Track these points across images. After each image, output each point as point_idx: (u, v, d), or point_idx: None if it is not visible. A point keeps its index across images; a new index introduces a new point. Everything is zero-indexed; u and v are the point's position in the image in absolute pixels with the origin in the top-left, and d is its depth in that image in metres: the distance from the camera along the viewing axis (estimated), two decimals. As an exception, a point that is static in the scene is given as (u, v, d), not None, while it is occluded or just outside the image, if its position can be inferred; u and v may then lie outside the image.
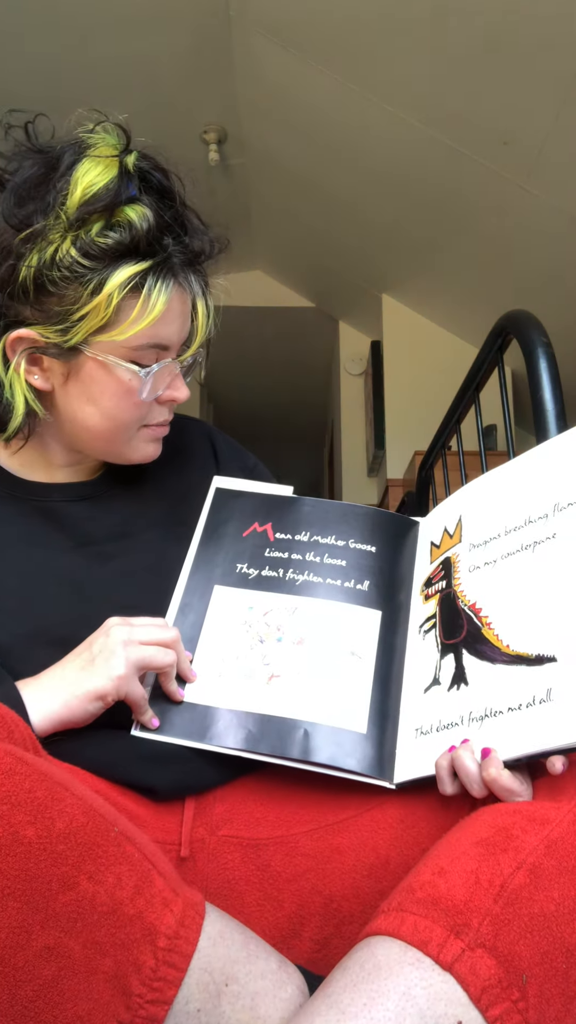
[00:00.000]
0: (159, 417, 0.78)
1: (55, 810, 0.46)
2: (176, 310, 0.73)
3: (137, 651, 0.65)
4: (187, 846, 0.65)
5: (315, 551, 0.78)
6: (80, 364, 0.72)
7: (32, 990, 0.43)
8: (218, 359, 1.37)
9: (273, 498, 0.83)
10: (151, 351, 0.73)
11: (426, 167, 3.05)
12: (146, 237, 0.69)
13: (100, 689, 0.63)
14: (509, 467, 0.75)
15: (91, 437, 0.77)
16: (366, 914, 0.62)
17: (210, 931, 0.50)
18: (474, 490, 0.78)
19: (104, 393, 0.73)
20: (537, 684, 0.59)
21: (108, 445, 0.78)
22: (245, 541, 0.79)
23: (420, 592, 0.76)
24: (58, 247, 0.67)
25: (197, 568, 0.78)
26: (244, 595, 0.76)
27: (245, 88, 3.15)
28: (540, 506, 0.68)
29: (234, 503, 0.83)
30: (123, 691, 0.64)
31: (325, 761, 0.65)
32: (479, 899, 0.48)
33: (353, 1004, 0.45)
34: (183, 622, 0.74)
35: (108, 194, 0.68)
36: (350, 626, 0.73)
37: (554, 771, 0.55)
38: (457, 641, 0.68)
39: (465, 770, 0.58)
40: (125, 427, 0.76)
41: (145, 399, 0.74)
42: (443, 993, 0.45)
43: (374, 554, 0.78)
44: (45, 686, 0.64)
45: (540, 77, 2.45)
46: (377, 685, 0.70)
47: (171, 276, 0.71)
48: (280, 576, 0.76)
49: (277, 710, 0.68)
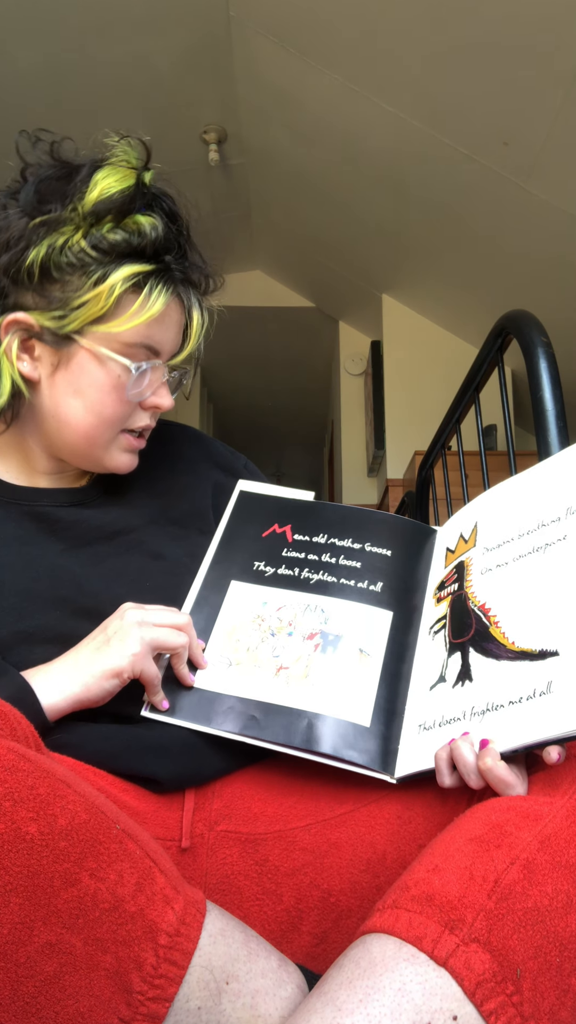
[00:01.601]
0: (140, 422, 0.79)
1: (57, 807, 0.47)
2: (173, 318, 0.77)
3: (151, 631, 0.67)
4: (187, 838, 0.66)
5: (331, 552, 0.80)
6: (72, 353, 0.74)
7: (34, 986, 0.43)
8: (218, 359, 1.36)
9: (294, 502, 0.86)
10: (143, 351, 0.75)
11: (426, 167, 3.06)
12: (152, 244, 0.73)
13: (117, 667, 0.65)
14: (526, 475, 0.77)
15: (71, 434, 0.77)
16: (364, 908, 0.63)
17: (211, 929, 0.51)
18: (492, 497, 0.79)
19: (92, 385, 0.74)
20: (538, 677, 0.59)
21: (87, 445, 0.78)
22: (264, 541, 0.82)
23: (433, 595, 0.77)
24: (69, 237, 0.71)
25: (215, 565, 0.80)
26: (259, 591, 0.78)
27: (245, 88, 3.15)
28: (553, 511, 0.70)
29: (256, 505, 0.86)
30: (138, 668, 0.66)
31: (328, 751, 0.66)
32: (473, 895, 0.49)
33: (349, 1001, 0.46)
34: (198, 614, 0.76)
35: (123, 199, 0.72)
36: (361, 624, 0.75)
37: (550, 760, 0.56)
38: (465, 640, 0.69)
39: (463, 761, 0.59)
40: (107, 425, 0.76)
41: (131, 398, 0.76)
42: (438, 988, 0.46)
43: (389, 558, 0.80)
44: (61, 669, 0.66)
45: (540, 77, 2.45)
46: (384, 681, 0.71)
47: (172, 284, 0.75)
48: (295, 575, 0.79)
49: (283, 699, 0.69)
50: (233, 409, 6.09)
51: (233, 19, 2.80)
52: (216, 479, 0.91)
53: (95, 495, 0.83)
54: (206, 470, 0.91)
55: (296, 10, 2.62)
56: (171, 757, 0.68)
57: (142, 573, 0.77)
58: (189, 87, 3.09)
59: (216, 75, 3.07)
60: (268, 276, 4.69)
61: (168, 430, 0.94)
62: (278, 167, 3.58)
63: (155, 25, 2.72)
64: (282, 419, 6.39)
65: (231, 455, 0.96)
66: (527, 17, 2.30)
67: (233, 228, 4.14)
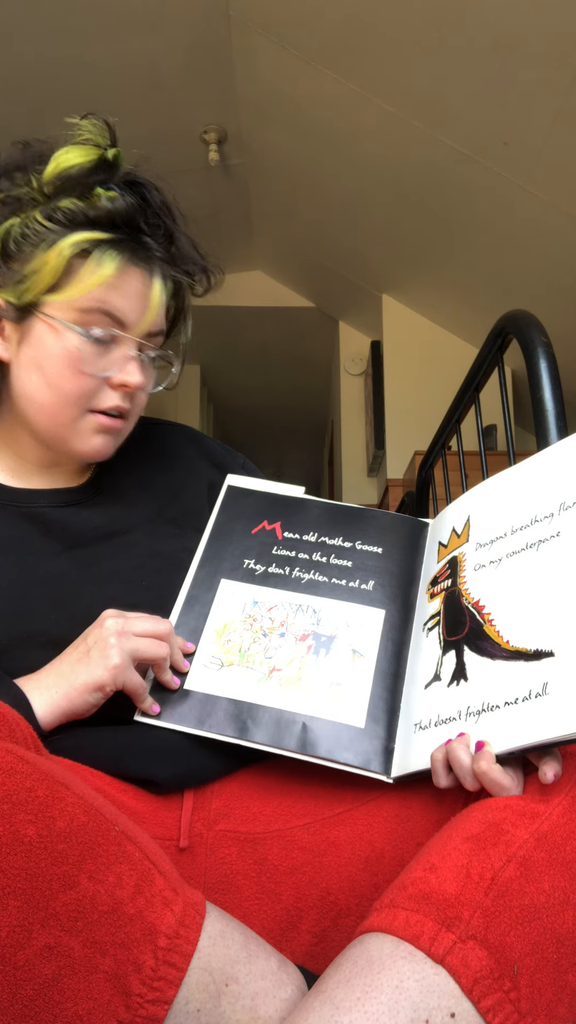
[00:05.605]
0: (109, 402, 0.76)
1: (56, 809, 0.47)
2: (133, 286, 0.74)
3: (131, 642, 0.66)
4: (186, 838, 0.65)
5: (322, 551, 0.80)
6: (31, 326, 0.74)
7: (32, 989, 0.43)
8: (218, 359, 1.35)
9: (283, 498, 0.85)
10: (100, 317, 0.73)
11: (426, 167, 3.05)
12: (109, 215, 0.72)
13: (97, 680, 0.64)
14: (519, 468, 0.76)
15: (37, 412, 0.76)
16: (362, 907, 0.63)
17: (210, 931, 0.50)
18: (484, 491, 0.78)
19: (50, 358, 0.73)
20: (534, 679, 0.59)
21: (52, 424, 0.76)
22: (253, 538, 0.81)
23: (426, 591, 0.77)
24: (28, 214, 0.72)
25: (205, 562, 0.79)
26: (250, 590, 0.77)
27: (245, 88, 3.15)
28: (546, 506, 0.69)
29: (245, 501, 0.85)
30: (120, 681, 0.65)
31: (323, 755, 0.66)
32: (470, 892, 0.49)
33: (347, 999, 0.46)
34: (189, 613, 0.75)
35: (81, 173, 0.72)
36: (353, 624, 0.74)
37: (545, 780, 0.55)
38: (459, 638, 0.68)
39: (459, 763, 0.59)
40: (68, 401, 0.74)
41: (92, 371, 0.74)
42: (436, 985, 0.46)
43: (380, 555, 0.80)
44: (45, 681, 0.65)
45: (540, 77, 2.45)
46: (378, 681, 0.71)
47: (129, 253, 0.73)
48: (286, 574, 0.78)
49: (276, 702, 0.69)
50: (233, 409, 6.09)
51: (233, 19, 2.80)
52: (212, 478, 0.90)
53: (91, 494, 0.83)
54: (202, 469, 0.91)
55: (296, 10, 2.61)
56: (169, 759, 0.68)
57: (138, 574, 0.77)
58: (189, 87, 3.09)
59: (216, 75, 3.07)
60: (268, 276, 4.69)
61: (165, 429, 0.93)
62: (278, 167, 3.58)
63: (155, 25, 2.72)
64: (282, 419, 6.39)
65: (228, 454, 0.96)
66: (527, 17, 2.29)
67: (233, 228, 4.14)
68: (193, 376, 5.15)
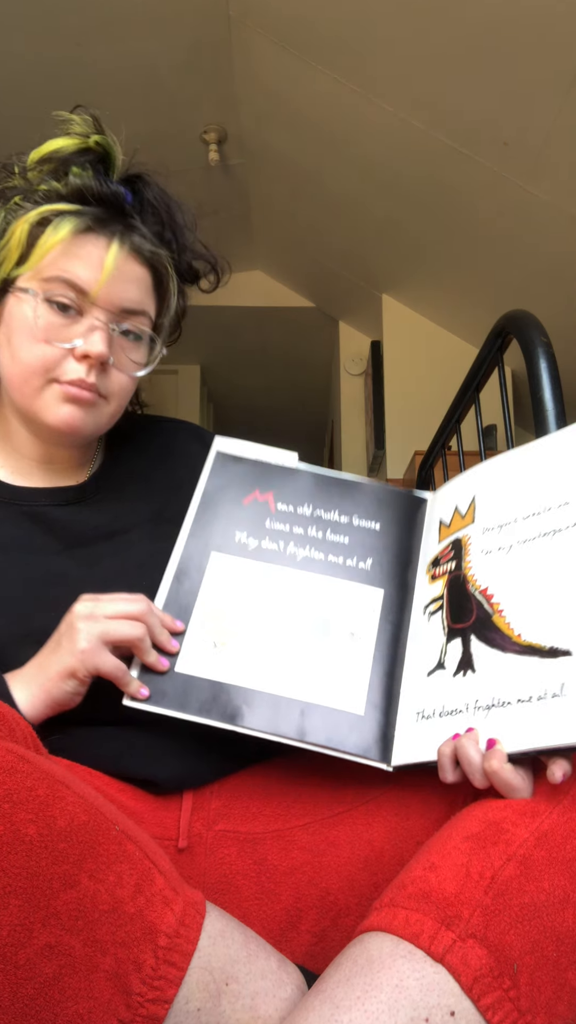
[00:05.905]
0: (71, 374, 0.73)
1: (56, 808, 0.47)
2: (93, 255, 0.73)
3: (100, 625, 0.64)
4: (185, 838, 0.65)
5: (317, 526, 0.77)
6: (5, 303, 0.75)
7: (33, 988, 0.43)
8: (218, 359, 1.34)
9: (275, 467, 0.81)
10: (62, 286, 0.72)
11: (426, 167, 3.05)
12: (78, 191, 0.73)
13: (67, 666, 0.63)
14: (526, 450, 0.73)
15: (9, 387, 0.76)
16: (362, 906, 0.63)
17: (210, 930, 0.50)
18: (489, 471, 0.75)
19: (15, 329, 0.74)
20: (549, 678, 0.57)
21: (21, 396, 0.75)
22: (245, 509, 0.77)
23: (427, 572, 0.74)
24: (12, 200, 0.74)
25: (195, 533, 0.76)
26: (243, 564, 0.74)
27: (245, 88, 3.15)
28: (561, 492, 0.66)
29: (235, 468, 0.81)
30: (90, 664, 0.63)
31: (322, 742, 0.64)
32: (470, 891, 0.49)
33: (347, 998, 0.46)
34: (179, 588, 0.72)
35: (60, 157, 0.74)
36: (350, 605, 0.72)
37: (554, 780, 0.54)
38: (465, 626, 0.66)
39: (468, 759, 0.58)
40: (30, 370, 0.73)
41: (51, 338, 0.72)
42: (435, 984, 0.46)
43: (378, 532, 0.77)
44: (25, 674, 0.65)
45: (540, 77, 2.45)
46: (377, 666, 0.68)
47: (92, 220, 0.73)
48: (280, 549, 0.75)
49: (272, 687, 0.66)
50: (233, 409, 6.08)
51: (233, 19, 2.80)
52: None
53: (92, 492, 0.82)
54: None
55: (296, 10, 2.61)
56: (169, 759, 0.67)
57: (139, 572, 0.77)
58: (189, 87, 3.08)
59: (216, 75, 3.07)
60: (268, 276, 4.68)
61: (167, 426, 0.93)
62: (278, 167, 3.57)
63: (155, 25, 2.71)
64: (282, 419, 6.38)
65: None
66: (527, 17, 2.29)
67: (233, 228, 4.13)
68: (193, 376, 5.15)
